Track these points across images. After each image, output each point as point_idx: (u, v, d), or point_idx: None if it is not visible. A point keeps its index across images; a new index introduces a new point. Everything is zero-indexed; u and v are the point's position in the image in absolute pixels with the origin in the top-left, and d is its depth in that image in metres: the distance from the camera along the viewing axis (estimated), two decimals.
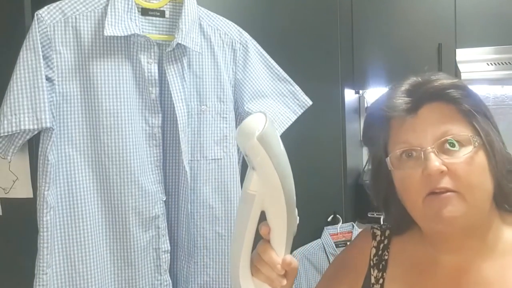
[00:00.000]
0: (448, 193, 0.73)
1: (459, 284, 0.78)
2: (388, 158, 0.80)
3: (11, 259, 1.34)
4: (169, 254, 1.29)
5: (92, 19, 1.21)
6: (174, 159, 1.32)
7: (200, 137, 1.34)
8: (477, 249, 0.78)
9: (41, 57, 1.16)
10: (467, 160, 0.74)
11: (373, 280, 0.87)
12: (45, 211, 1.16)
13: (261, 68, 1.43)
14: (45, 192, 1.17)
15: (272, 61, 1.45)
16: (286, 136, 1.40)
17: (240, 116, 1.42)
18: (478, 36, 2.08)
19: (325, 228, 1.97)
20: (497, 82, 2.34)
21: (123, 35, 1.19)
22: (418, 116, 0.77)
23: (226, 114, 1.37)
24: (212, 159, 1.34)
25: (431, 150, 0.74)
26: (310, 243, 1.94)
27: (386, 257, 0.88)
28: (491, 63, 2.07)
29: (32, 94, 1.15)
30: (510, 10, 2.05)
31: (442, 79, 0.78)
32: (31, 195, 1.27)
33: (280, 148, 0.72)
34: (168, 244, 1.29)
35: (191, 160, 1.32)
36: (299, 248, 1.91)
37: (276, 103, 1.43)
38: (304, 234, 1.91)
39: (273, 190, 0.72)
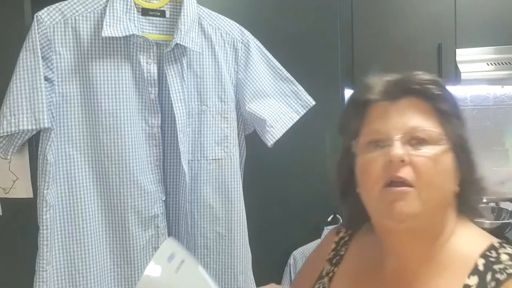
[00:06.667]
0: (404, 188, 0.72)
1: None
2: (356, 141, 0.79)
3: (11, 259, 1.35)
4: None
5: (91, 20, 1.21)
6: (174, 159, 1.32)
7: (200, 137, 1.34)
8: (420, 257, 0.78)
9: (40, 58, 1.16)
10: (432, 157, 0.73)
11: (324, 273, 0.88)
12: (44, 209, 1.17)
13: (263, 68, 1.42)
14: (45, 191, 1.17)
15: (275, 61, 1.44)
16: (286, 136, 1.40)
17: (242, 116, 1.41)
18: (478, 36, 2.08)
19: (325, 228, 1.96)
20: (497, 82, 2.34)
21: (120, 35, 1.19)
22: (393, 105, 0.77)
23: (227, 114, 1.36)
24: (212, 159, 1.34)
25: (398, 139, 0.74)
26: (310, 243, 1.93)
27: (342, 253, 0.89)
28: (491, 63, 2.06)
29: (31, 95, 1.15)
30: (510, 10, 2.04)
31: (423, 75, 0.79)
32: (31, 195, 1.28)
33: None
34: None
35: (192, 160, 1.32)
36: (299, 248, 1.91)
37: (279, 103, 1.41)
38: (304, 234, 1.91)
39: None
